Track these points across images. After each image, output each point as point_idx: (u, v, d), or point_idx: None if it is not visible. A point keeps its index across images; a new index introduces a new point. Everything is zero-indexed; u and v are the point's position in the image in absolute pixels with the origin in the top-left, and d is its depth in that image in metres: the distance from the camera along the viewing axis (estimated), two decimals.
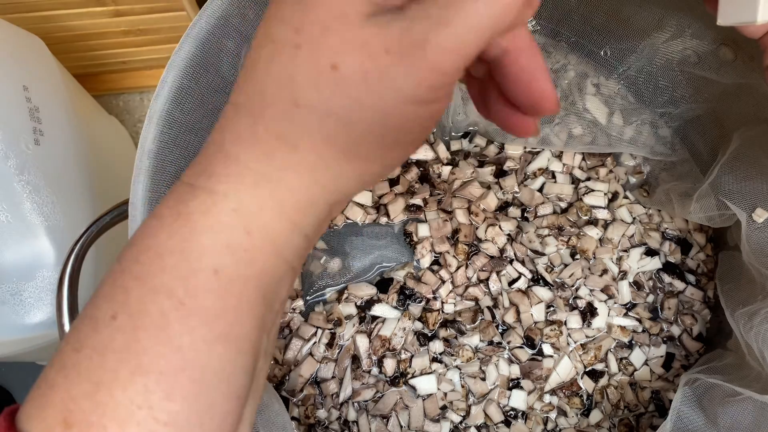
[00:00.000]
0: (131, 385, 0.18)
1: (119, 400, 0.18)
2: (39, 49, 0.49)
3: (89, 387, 0.18)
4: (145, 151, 0.30)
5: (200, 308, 0.19)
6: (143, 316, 0.18)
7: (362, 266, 0.48)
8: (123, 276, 0.19)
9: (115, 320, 0.18)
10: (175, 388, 0.18)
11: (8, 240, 0.40)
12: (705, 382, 0.39)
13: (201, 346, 0.19)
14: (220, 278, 0.19)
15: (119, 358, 0.18)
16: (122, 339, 0.18)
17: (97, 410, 0.18)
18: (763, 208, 0.37)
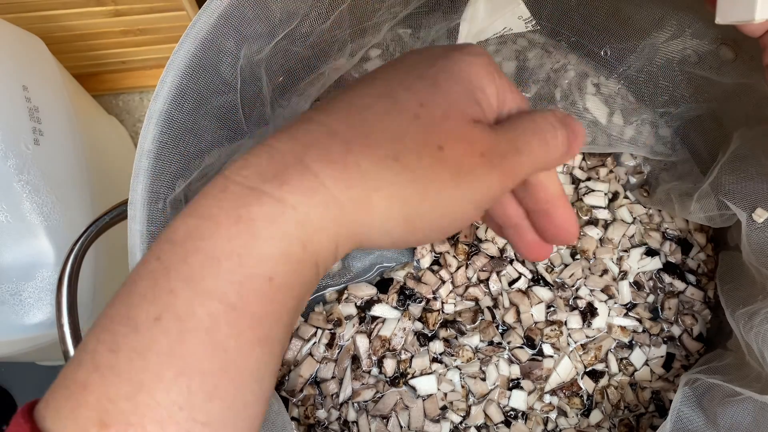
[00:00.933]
0: (175, 387, 0.18)
1: (160, 401, 0.18)
2: (39, 49, 0.49)
3: (129, 388, 0.18)
4: (145, 151, 0.30)
5: (249, 313, 0.19)
6: (191, 318, 0.18)
7: (362, 266, 0.48)
8: (168, 276, 0.19)
9: (159, 322, 0.18)
10: (217, 389, 0.18)
11: (8, 240, 0.40)
12: (705, 382, 0.39)
13: (245, 348, 0.19)
14: (272, 285, 0.19)
15: (162, 361, 0.18)
16: (167, 341, 0.18)
17: (137, 411, 0.18)
18: (763, 208, 0.37)
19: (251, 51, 0.33)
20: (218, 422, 0.18)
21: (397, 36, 0.43)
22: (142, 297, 0.19)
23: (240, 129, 0.37)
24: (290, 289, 0.20)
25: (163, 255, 0.19)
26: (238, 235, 0.19)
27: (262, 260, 0.19)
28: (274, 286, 0.19)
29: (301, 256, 0.20)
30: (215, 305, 0.18)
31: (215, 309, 0.18)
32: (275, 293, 0.19)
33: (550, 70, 0.47)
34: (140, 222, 0.30)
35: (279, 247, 0.19)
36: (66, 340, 0.32)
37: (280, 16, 0.33)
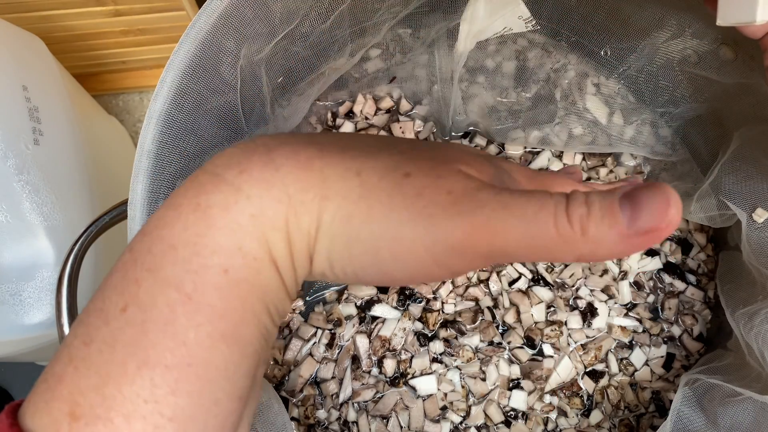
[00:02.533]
0: (138, 379, 0.18)
1: (126, 394, 0.18)
2: (38, 49, 0.49)
3: (97, 380, 0.18)
4: (145, 151, 0.30)
5: (207, 305, 0.19)
6: (152, 308, 0.18)
7: None
8: (135, 267, 0.19)
9: (125, 313, 0.18)
10: (181, 383, 0.18)
11: (7, 240, 0.40)
12: (705, 382, 0.39)
13: (206, 342, 0.19)
14: (229, 278, 0.19)
15: (128, 352, 0.18)
16: (131, 332, 0.18)
17: (104, 403, 0.18)
18: (763, 208, 0.37)
19: (251, 51, 0.33)
20: (186, 417, 0.18)
21: (397, 36, 0.43)
22: (113, 288, 0.19)
23: (240, 129, 0.37)
24: (251, 287, 0.20)
25: (134, 246, 0.19)
26: (195, 223, 0.19)
27: (216, 250, 0.19)
28: (230, 280, 0.19)
29: (257, 253, 0.19)
30: (173, 294, 0.18)
31: (173, 298, 0.18)
32: (233, 288, 0.19)
33: (550, 70, 0.47)
34: (140, 222, 0.30)
35: (233, 239, 0.19)
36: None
37: (280, 16, 0.33)
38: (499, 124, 0.47)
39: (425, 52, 0.44)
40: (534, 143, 0.48)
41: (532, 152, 0.50)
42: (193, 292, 0.19)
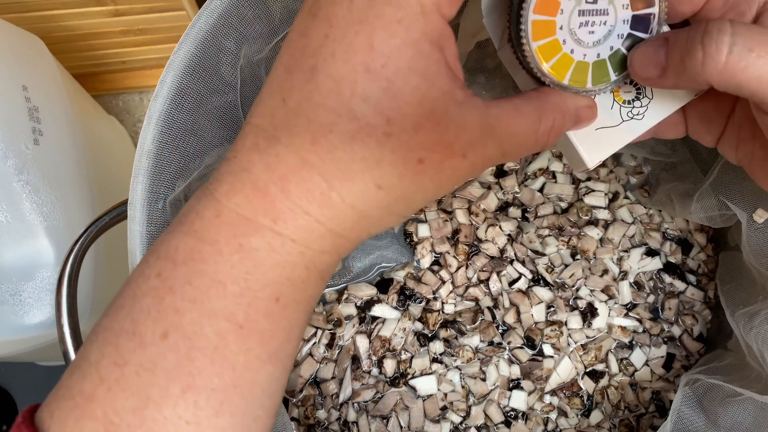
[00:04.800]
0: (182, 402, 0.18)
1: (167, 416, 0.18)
2: (38, 49, 0.48)
3: (136, 402, 0.18)
4: (145, 151, 0.30)
5: (258, 330, 0.19)
6: (199, 337, 0.18)
7: (362, 266, 0.48)
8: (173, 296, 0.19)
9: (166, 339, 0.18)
10: (225, 405, 0.19)
11: (7, 240, 0.40)
12: (705, 382, 0.39)
13: (254, 364, 0.19)
14: (280, 305, 0.20)
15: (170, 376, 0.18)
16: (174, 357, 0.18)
17: (143, 425, 0.18)
18: (763, 208, 0.36)
19: (251, 51, 0.33)
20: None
21: None
22: (146, 314, 0.19)
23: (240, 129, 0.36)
24: (298, 304, 0.20)
25: (164, 273, 0.19)
26: (241, 262, 0.19)
27: (268, 284, 0.19)
28: (281, 305, 0.20)
29: (305, 276, 0.20)
30: (223, 324, 0.19)
31: (223, 328, 0.19)
32: (282, 310, 0.20)
33: None
34: (140, 222, 0.30)
35: (283, 274, 0.20)
36: (66, 340, 0.32)
37: (280, 16, 0.33)
38: None
39: None
40: None
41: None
42: (245, 322, 0.19)
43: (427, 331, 0.46)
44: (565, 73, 0.23)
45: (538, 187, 0.49)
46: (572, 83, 0.23)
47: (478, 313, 0.46)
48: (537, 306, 0.46)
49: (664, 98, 0.25)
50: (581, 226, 0.48)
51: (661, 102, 0.25)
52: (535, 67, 0.23)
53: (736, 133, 0.25)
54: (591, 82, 0.23)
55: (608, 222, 0.48)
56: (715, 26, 0.19)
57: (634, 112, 0.25)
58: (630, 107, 0.25)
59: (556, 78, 0.23)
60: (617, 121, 0.25)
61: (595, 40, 0.23)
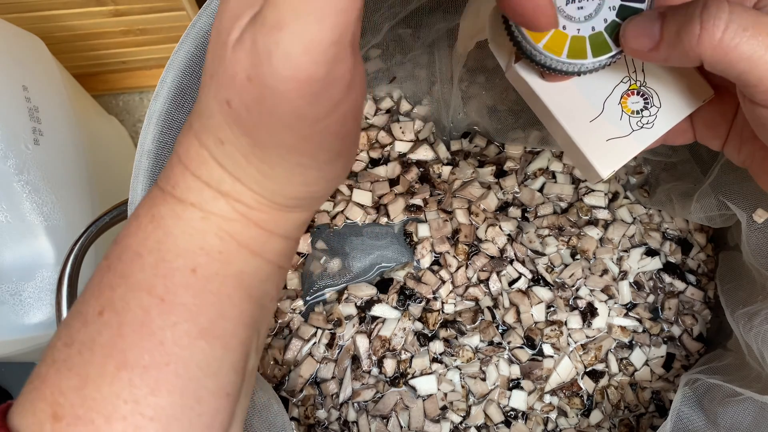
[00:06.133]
0: (117, 380, 0.18)
1: (105, 395, 0.18)
2: (39, 49, 0.48)
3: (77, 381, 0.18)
4: (145, 151, 0.30)
5: (180, 304, 0.19)
6: (126, 311, 0.19)
7: (362, 266, 0.48)
8: (109, 273, 0.20)
9: (102, 316, 0.19)
10: (160, 383, 0.19)
11: (8, 240, 0.40)
12: (705, 382, 0.39)
13: (184, 341, 0.19)
14: (198, 276, 0.20)
15: (105, 353, 0.18)
16: (108, 334, 0.19)
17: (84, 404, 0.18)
18: (763, 208, 0.37)
19: None
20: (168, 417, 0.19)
21: (397, 36, 0.43)
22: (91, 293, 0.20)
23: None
24: (224, 278, 0.20)
25: (109, 254, 0.21)
26: (153, 231, 0.20)
27: (180, 253, 0.20)
28: (200, 277, 0.20)
29: (221, 247, 0.20)
30: (145, 298, 0.19)
31: (146, 302, 0.19)
32: (204, 284, 0.20)
33: None
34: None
35: (192, 241, 0.20)
36: None
37: None
38: (498, 124, 0.47)
39: (425, 52, 0.44)
40: (534, 143, 0.48)
41: (532, 152, 0.50)
42: (165, 294, 0.19)
43: (427, 331, 0.46)
44: (561, 49, 0.23)
45: (538, 187, 0.49)
46: (571, 57, 0.23)
47: (478, 313, 0.46)
48: (537, 306, 0.46)
49: (673, 106, 0.25)
50: (581, 226, 0.48)
51: (670, 110, 0.25)
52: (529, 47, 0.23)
53: (739, 136, 0.25)
54: (591, 55, 0.23)
55: (608, 222, 0.48)
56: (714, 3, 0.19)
57: (644, 122, 0.25)
58: (639, 117, 0.25)
59: (553, 54, 0.23)
60: (627, 131, 0.25)
61: (586, 14, 0.23)
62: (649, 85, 0.25)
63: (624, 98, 0.25)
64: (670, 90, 0.25)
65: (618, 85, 0.25)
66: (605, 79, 0.25)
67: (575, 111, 0.25)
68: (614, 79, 0.25)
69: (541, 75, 0.25)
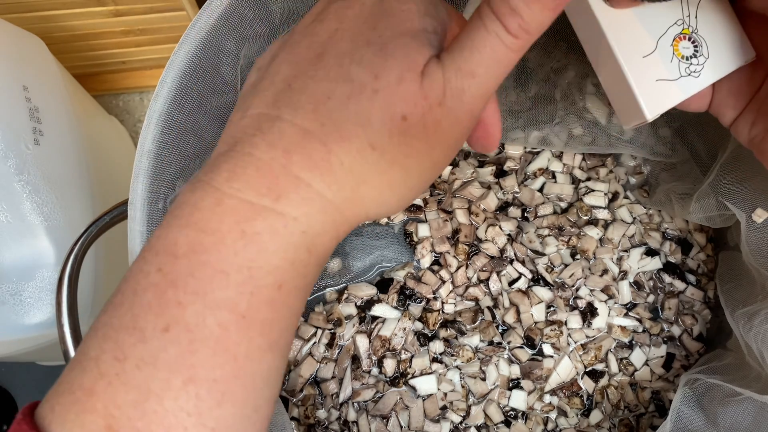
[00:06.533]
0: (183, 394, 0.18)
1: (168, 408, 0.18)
2: (39, 49, 0.49)
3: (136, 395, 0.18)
4: (145, 151, 0.30)
5: (260, 320, 0.19)
6: (201, 329, 0.18)
7: (362, 266, 0.48)
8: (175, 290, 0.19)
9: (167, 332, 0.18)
10: (226, 396, 0.19)
11: (8, 240, 0.40)
12: (705, 382, 0.39)
13: (255, 354, 0.19)
14: (282, 292, 0.20)
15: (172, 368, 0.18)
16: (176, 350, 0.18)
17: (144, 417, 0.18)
18: (762, 208, 0.37)
19: (251, 51, 0.33)
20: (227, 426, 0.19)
21: None
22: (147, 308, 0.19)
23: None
24: (298, 291, 0.20)
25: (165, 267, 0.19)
26: (244, 249, 0.19)
27: (271, 271, 0.19)
28: (283, 293, 0.20)
29: (307, 261, 0.20)
30: (225, 315, 0.19)
31: (225, 319, 0.19)
32: (285, 298, 0.20)
33: (550, 70, 0.47)
34: (140, 222, 0.30)
35: (286, 258, 0.19)
36: (66, 340, 0.32)
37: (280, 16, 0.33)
38: None
39: None
40: (534, 143, 0.48)
41: (532, 152, 0.50)
42: (248, 311, 0.19)
43: (427, 331, 0.46)
44: None
45: (538, 186, 0.49)
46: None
47: (478, 312, 0.46)
48: (537, 306, 0.46)
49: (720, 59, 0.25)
50: (581, 225, 0.48)
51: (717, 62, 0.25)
52: None
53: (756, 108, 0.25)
54: None
55: (608, 222, 0.48)
56: None
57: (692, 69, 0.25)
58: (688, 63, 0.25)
59: None
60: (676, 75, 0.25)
61: None
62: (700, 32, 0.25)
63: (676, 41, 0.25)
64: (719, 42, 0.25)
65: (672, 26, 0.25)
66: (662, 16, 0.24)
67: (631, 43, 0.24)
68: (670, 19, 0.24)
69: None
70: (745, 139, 0.26)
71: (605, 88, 0.27)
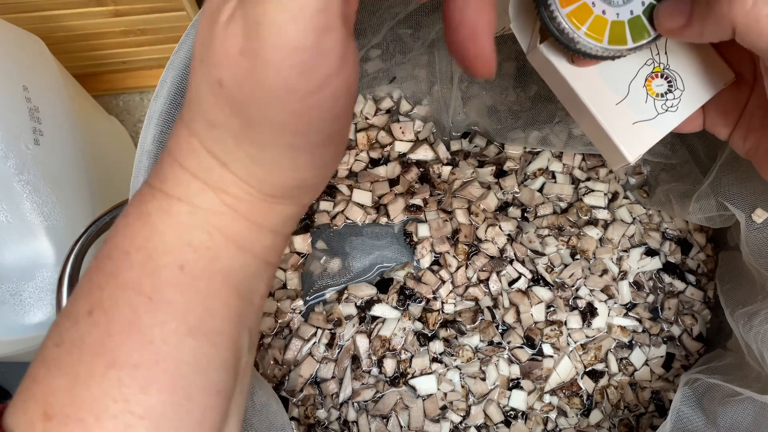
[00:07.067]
0: (106, 379, 0.18)
1: (95, 394, 0.18)
2: (39, 49, 0.49)
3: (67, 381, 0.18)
4: (145, 151, 0.30)
5: (168, 302, 0.19)
6: (115, 310, 0.19)
7: (362, 266, 0.48)
8: (98, 273, 0.20)
9: (91, 315, 0.19)
10: (150, 381, 0.19)
11: (8, 240, 0.40)
12: (705, 382, 0.39)
13: (172, 339, 0.19)
14: (186, 274, 0.19)
15: (95, 352, 0.18)
16: (97, 333, 0.19)
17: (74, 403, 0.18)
18: (762, 208, 0.37)
19: None
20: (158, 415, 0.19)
21: (397, 36, 0.43)
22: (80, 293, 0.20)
23: None
24: (212, 275, 0.20)
25: (98, 253, 0.20)
26: (141, 229, 0.20)
27: (167, 250, 0.19)
28: (188, 275, 0.19)
29: (209, 243, 0.20)
30: (132, 297, 0.19)
31: (134, 300, 0.19)
32: (192, 281, 0.20)
33: None
34: None
35: (179, 237, 0.20)
36: None
37: None
38: (498, 124, 0.47)
39: (425, 52, 0.44)
40: (534, 143, 0.48)
41: (532, 152, 0.50)
42: (153, 292, 0.19)
43: (427, 331, 0.46)
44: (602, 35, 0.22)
45: (538, 187, 0.49)
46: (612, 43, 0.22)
47: (477, 312, 0.46)
48: (537, 306, 0.46)
49: (696, 89, 0.25)
50: (581, 226, 0.48)
51: (693, 93, 0.25)
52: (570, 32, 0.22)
53: (747, 124, 0.25)
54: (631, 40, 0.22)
55: (608, 222, 0.48)
56: None
57: (668, 105, 0.25)
58: (664, 99, 0.25)
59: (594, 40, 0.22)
60: (653, 114, 0.25)
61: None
62: (672, 67, 0.25)
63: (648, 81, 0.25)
64: (693, 73, 0.25)
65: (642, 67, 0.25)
66: (630, 61, 0.25)
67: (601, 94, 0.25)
68: (638, 62, 0.25)
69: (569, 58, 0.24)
70: (742, 151, 0.26)
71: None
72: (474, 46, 0.19)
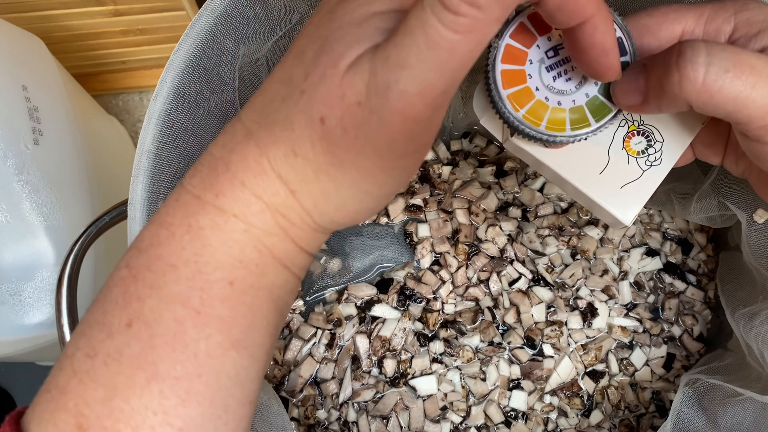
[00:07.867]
0: (147, 392, 0.18)
1: (134, 406, 0.18)
2: (38, 49, 0.48)
3: (104, 392, 0.18)
4: (145, 150, 0.30)
5: (215, 316, 0.19)
6: (159, 324, 0.19)
7: (362, 266, 0.48)
8: (136, 284, 0.19)
9: (130, 328, 0.19)
10: (191, 394, 0.19)
11: (7, 240, 0.40)
12: (705, 382, 0.38)
13: (217, 352, 0.19)
14: (235, 289, 0.20)
15: (135, 365, 0.18)
16: (138, 346, 0.18)
17: (111, 415, 0.18)
18: (763, 208, 0.36)
19: (250, 50, 0.33)
20: (196, 426, 0.19)
21: None
22: (114, 303, 0.19)
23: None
24: (258, 291, 0.20)
25: (131, 262, 0.20)
26: (190, 242, 0.19)
27: (218, 266, 0.19)
28: (236, 290, 0.20)
29: (258, 260, 0.20)
30: (180, 310, 0.19)
31: (180, 314, 0.19)
32: (240, 296, 0.20)
33: None
34: (140, 222, 0.30)
35: (231, 253, 0.20)
36: (66, 340, 0.32)
37: (279, 15, 0.33)
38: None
39: None
40: None
41: None
42: (201, 307, 0.19)
43: (427, 331, 0.46)
44: (541, 120, 0.23)
45: (538, 187, 0.49)
46: (549, 129, 0.23)
47: (478, 313, 0.46)
48: (537, 306, 0.46)
49: (674, 137, 0.25)
50: (581, 226, 0.48)
51: (673, 141, 0.25)
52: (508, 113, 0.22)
53: (735, 152, 0.26)
54: (570, 128, 0.23)
55: None
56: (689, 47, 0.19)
57: (651, 160, 0.25)
58: (645, 156, 0.25)
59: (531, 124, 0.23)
60: (638, 173, 0.25)
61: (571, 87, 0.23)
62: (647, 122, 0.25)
63: (626, 141, 0.25)
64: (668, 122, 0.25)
65: (617, 131, 0.25)
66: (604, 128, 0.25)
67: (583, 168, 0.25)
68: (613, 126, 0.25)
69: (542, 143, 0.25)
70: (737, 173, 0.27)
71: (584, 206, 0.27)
72: (606, 60, 0.21)
